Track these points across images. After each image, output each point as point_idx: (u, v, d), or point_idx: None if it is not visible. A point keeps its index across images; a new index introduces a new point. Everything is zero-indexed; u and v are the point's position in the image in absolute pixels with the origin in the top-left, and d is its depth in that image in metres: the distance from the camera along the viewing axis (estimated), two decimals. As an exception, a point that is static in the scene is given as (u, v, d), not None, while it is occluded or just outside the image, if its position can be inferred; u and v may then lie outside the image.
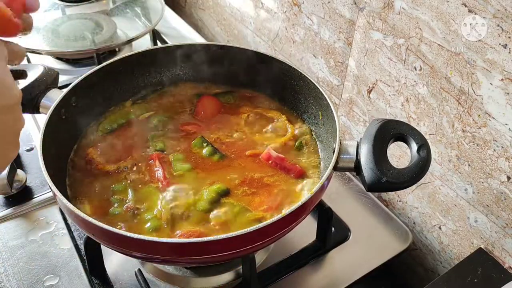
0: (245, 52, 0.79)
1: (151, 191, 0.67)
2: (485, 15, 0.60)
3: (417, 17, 0.70)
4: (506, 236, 0.69)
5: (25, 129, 0.95)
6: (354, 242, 0.78)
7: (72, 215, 0.56)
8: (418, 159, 0.57)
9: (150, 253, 0.55)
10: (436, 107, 0.72)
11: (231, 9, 1.23)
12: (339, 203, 0.82)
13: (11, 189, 0.81)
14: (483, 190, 0.70)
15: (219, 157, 0.72)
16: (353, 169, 0.61)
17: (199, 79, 0.84)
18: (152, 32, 1.19)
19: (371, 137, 0.59)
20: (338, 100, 0.94)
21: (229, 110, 0.81)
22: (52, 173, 0.58)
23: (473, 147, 0.69)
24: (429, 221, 0.82)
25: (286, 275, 0.73)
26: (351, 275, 0.73)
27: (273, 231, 0.56)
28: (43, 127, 0.64)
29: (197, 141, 0.74)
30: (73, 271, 0.72)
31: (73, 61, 1.16)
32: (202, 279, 0.71)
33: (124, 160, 0.71)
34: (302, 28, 0.96)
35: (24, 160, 0.89)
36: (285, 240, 0.76)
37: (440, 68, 0.69)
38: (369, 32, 0.79)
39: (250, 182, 0.68)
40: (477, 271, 0.67)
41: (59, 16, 1.18)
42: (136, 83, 0.81)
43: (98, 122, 0.77)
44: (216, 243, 0.52)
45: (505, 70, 0.60)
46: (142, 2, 1.26)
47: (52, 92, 0.70)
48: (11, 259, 0.73)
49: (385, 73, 0.79)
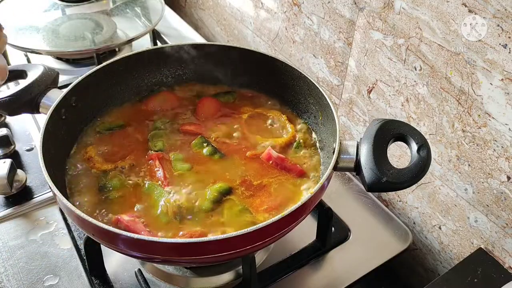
0: (245, 52, 0.79)
1: (152, 188, 0.67)
2: (485, 15, 0.60)
3: (417, 17, 0.70)
4: (506, 236, 0.69)
5: (25, 129, 0.95)
6: (354, 242, 0.78)
7: (72, 215, 0.56)
8: (418, 159, 0.57)
9: (150, 253, 0.55)
10: (436, 107, 0.72)
11: (231, 9, 1.23)
12: (339, 203, 0.82)
13: (11, 189, 0.81)
14: (483, 190, 0.70)
15: (220, 156, 0.72)
16: (353, 169, 0.61)
17: (199, 79, 0.84)
18: (152, 32, 1.19)
19: (371, 137, 0.59)
20: (338, 100, 0.94)
21: (230, 110, 0.81)
22: (52, 173, 0.58)
23: (473, 147, 0.69)
24: (429, 221, 0.82)
25: (286, 275, 0.73)
26: (351, 275, 0.73)
27: (273, 231, 0.56)
28: (43, 127, 0.64)
29: (198, 141, 0.74)
30: (73, 271, 0.72)
31: (73, 61, 1.16)
32: (202, 279, 0.71)
33: (123, 160, 0.71)
34: (302, 28, 0.96)
35: (24, 160, 0.89)
36: (285, 240, 0.76)
37: (440, 68, 0.69)
38: (369, 32, 0.79)
39: (251, 182, 0.68)
40: (477, 271, 0.67)
41: (59, 16, 1.18)
42: (136, 83, 0.81)
43: (98, 122, 0.77)
44: (216, 243, 0.52)
45: (505, 70, 0.60)
46: (142, 2, 1.26)
47: (52, 92, 0.70)
48: (11, 259, 0.73)
49: (385, 73, 0.79)
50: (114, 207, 0.65)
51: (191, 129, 0.76)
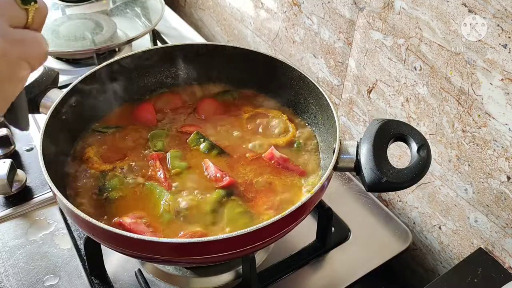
0: (245, 52, 0.79)
1: (152, 188, 0.67)
2: (485, 15, 0.60)
3: (417, 17, 0.70)
4: (506, 236, 0.69)
5: (25, 129, 0.95)
6: (354, 242, 0.78)
7: (72, 215, 0.56)
8: (418, 159, 0.57)
9: (150, 253, 0.55)
10: (436, 107, 0.72)
11: (231, 9, 1.23)
12: (339, 203, 0.82)
13: (11, 189, 0.81)
14: (483, 190, 0.70)
15: (218, 152, 0.72)
16: (353, 169, 0.61)
17: (200, 79, 0.84)
18: (152, 32, 1.19)
19: (371, 137, 0.59)
20: (338, 100, 0.94)
21: (230, 110, 0.81)
22: (52, 173, 0.58)
23: (473, 147, 0.69)
24: (429, 221, 0.82)
25: (286, 275, 0.73)
26: (351, 275, 0.73)
27: (273, 231, 0.56)
28: (43, 127, 0.64)
29: (194, 137, 0.73)
30: (73, 271, 0.72)
31: (73, 61, 1.16)
32: (202, 279, 0.71)
33: (123, 160, 0.71)
34: (302, 28, 0.96)
35: (24, 160, 0.89)
36: (285, 240, 0.76)
37: (440, 68, 0.69)
38: (369, 32, 0.79)
39: (251, 182, 0.68)
40: (477, 271, 0.67)
41: (59, 16, 1.18)
42: (136, 83, 0.81)
43: (98, 122, 0.77)
44: (216, 243, 0.52)
45: (505, 70, 0.60)
46: (142, 2, 1.26)
47: (52, 92, 0.70)
48: (11, 259, 0.73)
49: (385, 73, 0.79)
50: (115, 207, 0.65)
51: (191, 130, 0.76)
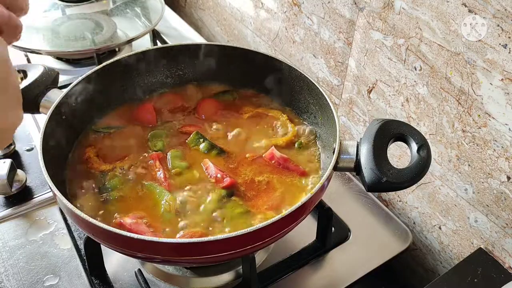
0: (245, 52, 0.79)
1: (152, 188, 0.67)
2: (485, 15, 0.60)
3: (417, 17, 0.70)
4: (506, 236, 0.69)
5: (25, 129, 0.95)
6: (354, 242, 0.78)
7: (72, 215, 0.56)
8: (418, 159, 0.57)
9: (150, 253, 0.55)
10: (436, 107, 0.72)
11: (231, 9, 1.23)
12: (339, 203, 0.82)
13: (11, 189, 0.81)
14: (483, 190, 0.70)
15: (218, 152, 0.72)
16: (353, 169, 0.61)
17: (200, 79, 0.84)
18: (152, 32, 1.19)
19: (371, 137, 0.59)
20: (338, 100, 0.94)
21: (230, 110, 0.81)
22: (52, 173, 0.58)
23: (473, 147, 0.69)
24: (429, 221, 0.82)
25: (286, 275, 0.73)
26: (351, 275, 0.73)
27: (273, 231, 0.56)
28: (43, 127, 0.64)
29: (193, 137, 0.73)
30: (73, 271, 0.72)
31: (73, 61, 1.16)
32: (202, 279, 0.71)
33: (123, 160, 0.71)
34: (302, 28, 0.96)
35: (24, 160, 0.89)
36: (285, 240, 0.76)
37: (440, 68, 0.69)
38: (369, 32, 0.79)
39: (252, 182, 0.68)
40: (477, 271, 0.67)
41: (59, 16, 1.18)
42: (136, 83, 0.81)
43: (98, 122, 0.77)
44: (216, 243, 0.52)
45: (505, 70, 0.60)
46: (142, 2, 1.26)
47: (52, 92, 0.70)
48: (11, 259, 0.73)
49: (385, 73, 0.79)
50: (115, 207, 0.65)
51: (191, 130, 0.76)
